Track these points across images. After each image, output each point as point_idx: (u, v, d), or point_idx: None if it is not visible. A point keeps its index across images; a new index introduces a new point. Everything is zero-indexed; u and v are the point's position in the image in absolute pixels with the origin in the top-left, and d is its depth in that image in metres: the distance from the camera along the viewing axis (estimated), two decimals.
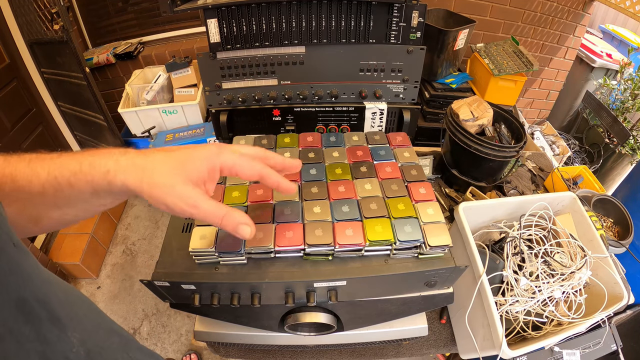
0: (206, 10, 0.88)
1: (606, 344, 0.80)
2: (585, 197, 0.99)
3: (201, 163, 0.37)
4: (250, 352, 0.84)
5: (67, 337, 0.26)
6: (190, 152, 0.38)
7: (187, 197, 0.35)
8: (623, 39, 2.52)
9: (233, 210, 0.38)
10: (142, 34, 2.24)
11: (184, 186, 0.35)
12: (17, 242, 0.25)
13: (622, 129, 1.96)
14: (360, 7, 0.88)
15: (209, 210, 0.36)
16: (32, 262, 0.26)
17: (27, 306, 0.23)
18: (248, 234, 0.38)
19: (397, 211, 0.56)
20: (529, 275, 0.70)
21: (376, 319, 0.67)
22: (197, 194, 0.36)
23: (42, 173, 0.33)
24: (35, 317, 0.24)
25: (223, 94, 1.01)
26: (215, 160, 0.39)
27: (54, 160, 0.34)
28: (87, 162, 0.33)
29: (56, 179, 0.33)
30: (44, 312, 0.25)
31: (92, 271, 2.01)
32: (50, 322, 0.25)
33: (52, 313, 0.25)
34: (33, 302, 0.24)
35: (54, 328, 0.25)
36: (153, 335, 1.80)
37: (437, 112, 1.51)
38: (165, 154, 0.36)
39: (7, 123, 1.85)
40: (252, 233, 0.39)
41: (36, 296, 0.24)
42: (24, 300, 0.23)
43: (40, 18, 1.66)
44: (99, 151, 0.35)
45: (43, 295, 0.25)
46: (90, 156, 0.34)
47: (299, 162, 0.49)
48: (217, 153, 0.39)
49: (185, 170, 0.36)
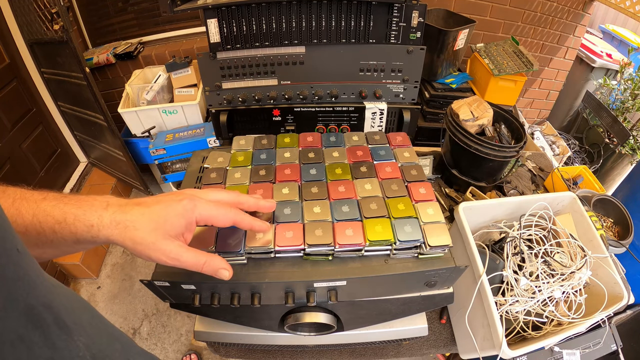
0: (206, 10, 0.88)
1: (606, 344, 0.80)
2: (585, 197, 0.99)
3: (178, 220, 0.40)
4: (250, 352, 0.84)
5: (74, 342, 0.26)
6: (167, 209, 0.40)
7: (169, 252, 0.38)
8: (623, 39, 2.52)
9: (212, 258, 0.41)
10: (142, 34, 2.24)
11: (164, 241, 0.38)
12: (22, 247, 0.25)
13: (622, 129, 1.96)
14: (360, 7, 0.89)
15: (190, 261, 0.40)
16: (36, 268, 0.26)
17: (35, 312, 0.23)
18: (227, 277, 0.43)
19: (397, 211, 0.56)
20: (529, 275, 0.70)
21: (376, 319, 0.67)
22: (177, 247, 0.39)
23: (26, 215, 0.34)
24: (43, 323, 0.24)
25: (223, 94, 1.01)
26: (191, 216, 0.41)
27: (39, 205, 0.35)
28: (72, 214, 0.35)
29: (40, 224, 0.35)
30: (50, 317, 0.25)
31: (92, 271, 2.01)
32: (58, 328, 0.25)
33: (59, 319, 0.25)
34: (40, 307, 0.24)
35: (61, 333, 0.25)
36: (153, 335, 1.80)
37: (437, 112, 1.51)
38: (144, 210, 0.38)
39: (7, 123, 1.85)
40: (230, 275, 0.43)
41: (42, 302, 0.24)
42: (32, 307, 0.23)
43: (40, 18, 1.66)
44: (82, 201, 0.37)
45: (49, 301, 0.25)
46: (75, 207, 0.36)
47: (273, 203, 0.51)
48: (192, 208, 0.41)
49: (164, 228, 0.39)
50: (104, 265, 2.10)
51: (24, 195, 0.35)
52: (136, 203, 0.39)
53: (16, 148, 1.92)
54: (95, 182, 2.36)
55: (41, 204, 0.35)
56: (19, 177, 1.93)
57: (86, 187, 2.34)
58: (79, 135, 2.28)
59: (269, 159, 0.68)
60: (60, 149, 2.28)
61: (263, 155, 0.68)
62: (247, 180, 0.63)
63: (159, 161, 1.85)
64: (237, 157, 0.68)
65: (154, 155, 1.82)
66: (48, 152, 2.18)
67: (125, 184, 2.35)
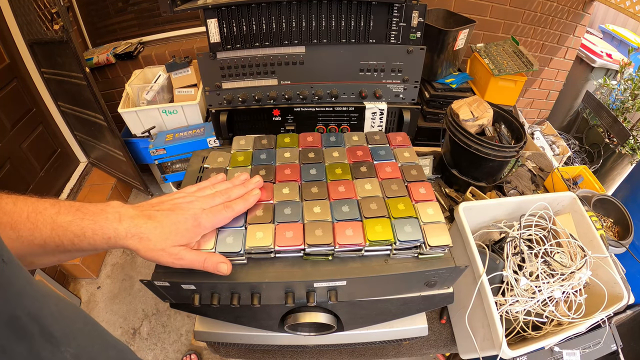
0: (206, 10, 0.88)
1: (606, 344, 0.80)
2: (585, 197, 0.99)
3: (187, 234, 0.46)
4: (250, 352, 0.84)
5: (61, 352, 0.26)
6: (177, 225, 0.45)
7: (175, 255, 0.45)
8: (623, 39, 2.52)
9: (211, 255, 0.48)
10: (142, 34, 2.24)
11: (172, 248, 0.44)
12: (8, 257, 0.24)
13: (622, 129, 1.96)
14: (360, 7, 0.88)
15: (192, 259, 0.46)
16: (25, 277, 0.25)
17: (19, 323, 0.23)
18: (225, 270, 0.48)
19: (397, 211, 0.56)
20: (529, 275, 0.70)
21: (376, 319, 0.67)
22: (181, 249, 0.45)
23: (44, 230, 0.38)
24: (28, 334, 0.24)
25: (223, 94, 1.01)
26: (197, 231, 0.47)
27: (55, 220, 0.38)
28: (90, 229, 0.40)
29: (59, 237, 0.38)
30: (36, 328, 0.24)
31: (92, 271, 2.01)
32: (43, 338, 0.25)
33: (45, 329, 0.25)
34: (25, 318, 0.24)
35: (47, 344, 0.25)
36: (153, 335, 1.80)
37: (437, 112, 1.51)
38: (156, 224, 0.43)
39: (7, 123, 1.85)
40: (229, 269, 0.48)
41: (28, 312, 0.24)
42: (16, 318, 0.23)
43: (40, 18, 1.66)
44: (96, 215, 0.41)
45: (36, 310, 0.25)
46: (91, 222, 0.40)
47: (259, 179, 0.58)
48: (196, 226, 0.47)
49: (175, 239, 0.45)
50: (104, 265, 2.10)
51: (36, 209, 0.38)
52: (148, 217, 0.44)
53: (16, 148, 1.92)
54: (95, 182, 2.36)
55: (57, 218, 0.38)
56: (19, 177, 1.93)
57: (86, 187, 2.34)
58: (79, 135, 2.28)
59: (269, 159, 0.68)
60: (60, 149, 2.28)
61: (263, 155, 0.68)
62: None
63: (159, 161, 1.85)
64: (237, 157, 0.68)
65: (154, 155, 1.82)
66: (48, 152, 2.18)
67: (125, 184, 2.35)
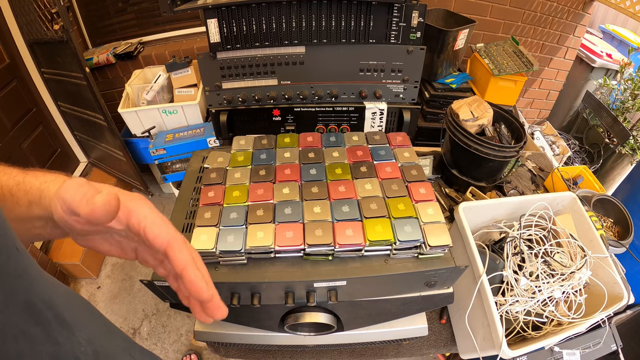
0: (206, 10, 0.88)
1: (606, 344, 0.80)
2: (585, 197, 0.99)
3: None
4: (250, 352, 0.84)
5: (75, 337, 0.26)
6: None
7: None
8: (623, 39, 2.52)
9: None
10: (142, 34, 2.24)
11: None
12: (20, 246, 0.25)
13: (622, 129, 1.95)
14: (360, 7, 0.88)
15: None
16: (36, 267, 0.26)
17: (36, 309, 0.24)
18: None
19: (397, 211, 0.56)
20: (529, 275, 0.70)
21: (376, 319, 0.67)
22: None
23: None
24: (44, 319, 0.24)
25: (223, 94, 1.01)
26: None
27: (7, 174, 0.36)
28: (31, 175, 0.36)
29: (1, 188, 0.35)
30: (51, 314, 0.25)
31: (92, 271, 2.01)
32: (58, 324, 0.25)
33: (59, 315, 0.26)
34: (40, 304, 0.24)
35: (62, 329, 0.25)
36: (153, 335, 1.80)
37: (437, 112, 1.51)
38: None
39: (7, 123, 1.85)
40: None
41: (43, 299, 0.25)
42: (32, 303, 0.24)
43: (40, 18, 1.66)
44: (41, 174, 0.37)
45: (49, 298, 0.26)
46: (33, 177, 0.36)
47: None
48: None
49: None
50: (104, 265, 2.10)
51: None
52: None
53: (16, 148, 1.92)
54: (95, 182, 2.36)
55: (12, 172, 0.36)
56: None
57: None
58: (79, 135, 2.28)
59: (269, 159, 0.68)
60: (60, 149, 2.28)
61: (263, 155, 0.68)
62: (247, 180, 0.63)
63: (159, 161, 1.85)
64: (237, 157, 0.68)
65: (154, 155, 1.82)
66: (48, 152, 2.18)
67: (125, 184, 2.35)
